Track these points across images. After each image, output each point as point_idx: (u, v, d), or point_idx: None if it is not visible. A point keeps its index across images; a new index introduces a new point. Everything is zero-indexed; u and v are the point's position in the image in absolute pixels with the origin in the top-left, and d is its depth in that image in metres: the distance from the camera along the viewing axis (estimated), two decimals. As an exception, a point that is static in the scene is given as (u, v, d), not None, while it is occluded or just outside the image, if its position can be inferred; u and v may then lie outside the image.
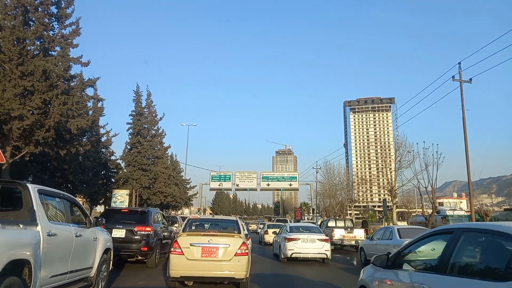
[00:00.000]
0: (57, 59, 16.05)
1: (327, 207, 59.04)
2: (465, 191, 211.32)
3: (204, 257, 7.33)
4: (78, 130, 16.61)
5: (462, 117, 22.75)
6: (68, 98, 15.52)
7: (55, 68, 14.88)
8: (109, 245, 7.48)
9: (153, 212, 11.98)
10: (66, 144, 17.57)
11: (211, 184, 48.90)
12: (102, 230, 7.52)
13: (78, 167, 26.75)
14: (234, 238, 7.69)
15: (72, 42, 17.63)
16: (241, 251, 7.44)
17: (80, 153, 26.54)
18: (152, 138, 35.07)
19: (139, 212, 11.80)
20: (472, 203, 22.55)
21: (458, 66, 23.40)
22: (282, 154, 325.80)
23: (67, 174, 23.72)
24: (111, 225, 10.39)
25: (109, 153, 35.42)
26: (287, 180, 51.70)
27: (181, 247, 7.37)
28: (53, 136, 14.63)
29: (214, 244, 7.40)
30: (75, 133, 16.76)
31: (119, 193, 28.89)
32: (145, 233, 10.52)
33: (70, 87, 16.81)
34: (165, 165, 38.76)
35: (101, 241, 7.03)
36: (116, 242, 9.90)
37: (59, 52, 16.87)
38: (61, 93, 14.52)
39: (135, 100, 34.12)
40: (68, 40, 17.35)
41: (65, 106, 14.70)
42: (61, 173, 23.46)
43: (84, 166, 27.90)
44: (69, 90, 16.58)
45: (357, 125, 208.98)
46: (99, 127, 32.28)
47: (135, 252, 10.38)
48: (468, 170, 21.95)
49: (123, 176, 32.36)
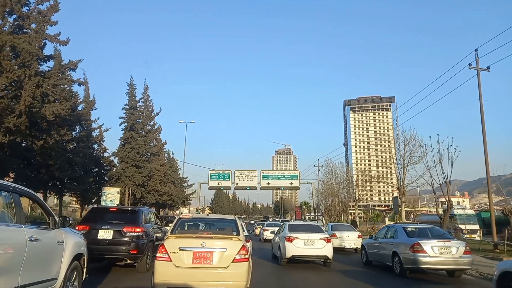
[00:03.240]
0: (31, 37, 14.19)
1: (328, 206, 57.58)
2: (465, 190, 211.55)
3: (196, 263, 6.17)
4: (55, 118, 14.77)
5: (480, 108, 21.09)
6: (44, 81, 13.73)
7: (29, 46, 13.07)
8: (82, 250, 6.32)
9: (144, 211, 11.06)
10: (42, 134, 15.72)
11: (210, 183, 48.06)
12: (73, 232, 6.38)
13: (66, 163, 25.02)
14: (232, 241, 6.50)
15: (50, 19, 15.70)
16: (240, 256, 6.28)
17: (68, 148, 24.81)
18: (147, 134, 33.33)
19: (129, 211, 10.72)
20: (491, 201, 20.86)
21: (475, 53, 21.81)
22: (281, 154, 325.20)
23: (53, 170, 21.97)
24: (97, 226, 9.59)
25: (102, 150, 33.78)
26: (287, 179, 50.35)
27: (168, 252, 6.20)
28: (26, 124, 12.83)
29: (208, 248, 6.25)
30: (52, 121, 14.91)
31: (110, 191, 27.12)
32: (134, 234, 9.58)
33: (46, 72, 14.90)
34: (161, 162, 36.96)
35: (70, 246, 5.79)
36: (102, 244, 9.31)
37: (34, 28, 14.96)
38: (34, 74, 12.76)
39: (128, 93, 32.36)
40: (46, 17, 15.35)
41: (39, 89, 12.92)
42: (46, 169, 21.70)
43: (73, 162, 26.15)
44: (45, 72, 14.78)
45: (357, 124, 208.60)
46: (90, 121, 30.58)
47: (124, 255, 9.47)
48: (486, 166, 20.27)
49: (115, 174, 30.59)
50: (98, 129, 31.33)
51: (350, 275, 11.30)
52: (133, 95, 32.51)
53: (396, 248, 11.26)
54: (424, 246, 10.32)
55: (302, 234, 13.01)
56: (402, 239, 11.30)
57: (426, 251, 10.24)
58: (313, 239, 12.84)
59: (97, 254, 9.02)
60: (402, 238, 11.37)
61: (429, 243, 10.48)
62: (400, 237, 11.54)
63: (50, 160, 21.32)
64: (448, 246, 10.41)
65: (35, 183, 21.85)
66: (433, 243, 10.47)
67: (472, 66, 21.54)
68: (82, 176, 28.05)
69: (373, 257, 13.35)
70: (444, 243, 10.48)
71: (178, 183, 51.69)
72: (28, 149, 20.79)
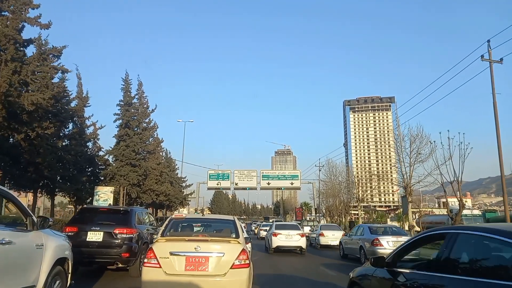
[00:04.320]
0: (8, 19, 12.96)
1: (330, 206, 56.39)
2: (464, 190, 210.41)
3: (189, 270, 5.41)
4: (36, 108, 13.55)
5: (493, 102, 19.94)
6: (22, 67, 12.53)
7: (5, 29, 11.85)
8: (66, 254, 5.76)
9: (137, 211, 10.43)
10: (23, 126, 14.49)
11: (209, 183, 47.03)
12: (55, 234, 5.80)
13: (57, 161, 23.82)
14: (231, 244, 5.76)
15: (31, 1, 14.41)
16: (240, 262, 5.54)
17: (58, 145, 23.59)
18: (142, 131, 32.05)
19: (121, 211, 10.05)
20: (506, 201, 19.72)
21: (487, 44, 20.67)
22: (281, 154, 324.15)
23: (41, 168, 20.74)
24: (87, 227, 9.01)
25: (97, 148, 32.60)
26: (288, 179, 49.28)
27: (158, 257, 5.46)
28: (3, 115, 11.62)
29: (203, 253, 5.50)
30: (33, 112, 13.68)
31: (103, 190, 25.88)
32: (127, 236, 9.00)
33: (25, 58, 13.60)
34: (157, 161, 35.67)
35: (51, 249, 5.24)
36: (92, 247, 8.79)
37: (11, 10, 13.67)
38: (11, 59, 11.56)
39: (123, 89, 31.03)
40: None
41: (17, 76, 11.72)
42: (34, 167, 20.49)
43: (65, 160, 24.93)
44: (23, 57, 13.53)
45: (357, 125, 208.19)
46: (83, 118, 29.37)
47: (115, 259, 8.84)
48: (501, 164, 19.16)
49: (109, 172, 29.34)
50: (92, 126, 30.14)
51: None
52: (128, 90, 31.21)
53: (362, 243, 14.28)
54: (382, 240, 13.39)
55: (283, 231, 18.07)
56: (367, 236, 14.37)
57: (383, 244, 13.25)
58: (291, 234, 17.88)
59: (86, 258, 8.59)
60: (367, 235, 14.45)
61: (385, 238, 13.59)
62: (365, 234, 14.63)
63: (38, 157, 20.12)
64: (401, 241, 12.50)
65: (23, 182, 20.67)
66: (389, 238, 13.62)
67: (484, 58, 20.41)
68: (75, 176, 26.84)
69: (347, 251, 16.42)
70: (397, 239, 13.27)
71: (176, 183, 50.51)
72: (15, 146, 19.61)
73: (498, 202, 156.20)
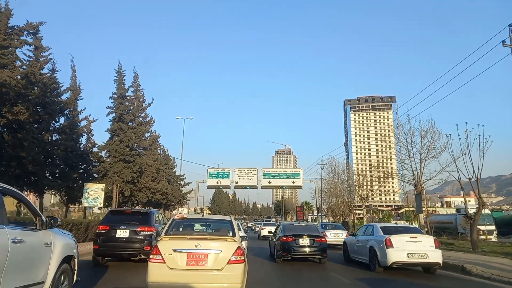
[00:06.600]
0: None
1: (332, 205, 54.89)
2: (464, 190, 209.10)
3: (190, 265, 6.11)
4: (3, 88, 12.01)
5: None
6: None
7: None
8: (73, 252, 6.10)
9: (154, 213, 12.65)
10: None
11: (209, 181, 45.96)
12: (63, 232, 6.14)
13: (44, 156, 22.21)
14: (228, 242, 6.47)
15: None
16: (236, 258, 6.22)
17: (45, 139, 21.97)
18: (137, 126, 30.40)
19: (142, 213, 12.43)
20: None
21: (509, 29, 19.12)
22: (281, 154, 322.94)
23: (25, 163, 19.17)
24: (116, 226, 11.25)
25: (91, 144, 31.02)
26: (289, 177, 47.91)
27: (162, 253, 6.13)
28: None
29: (202, 250, 6.18)
30: (2, 93, 12.13)
31: (93, 188, 24.24)
32: (147, 233, 11.23)
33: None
34: (153, 157, 34.04)
35: (59, 247, 5.57)
36: (120, 242, 11.06)
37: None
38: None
39: (116, 80, 29.36)
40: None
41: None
42: (17, 162, 18.91)
43: (54, 155, 23.32)
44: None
45: (357, 124, 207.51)
46: (76, 112, 27.75)
47: (139, 251, 11.06)
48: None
49: (101, 169, 27.71)
50: (85, 119, 28.50)
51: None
52: (122, 82, 29.47)
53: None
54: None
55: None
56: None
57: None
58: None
59: (116, 250, 11.03)
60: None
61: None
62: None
63: (22, 151, 18.55)
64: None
65: (5, 177, 19.06)
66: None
67: (506, 44, 18.82)
68: (65, 172, 25.24)
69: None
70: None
71: (174, 181, 48.92)
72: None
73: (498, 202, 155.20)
